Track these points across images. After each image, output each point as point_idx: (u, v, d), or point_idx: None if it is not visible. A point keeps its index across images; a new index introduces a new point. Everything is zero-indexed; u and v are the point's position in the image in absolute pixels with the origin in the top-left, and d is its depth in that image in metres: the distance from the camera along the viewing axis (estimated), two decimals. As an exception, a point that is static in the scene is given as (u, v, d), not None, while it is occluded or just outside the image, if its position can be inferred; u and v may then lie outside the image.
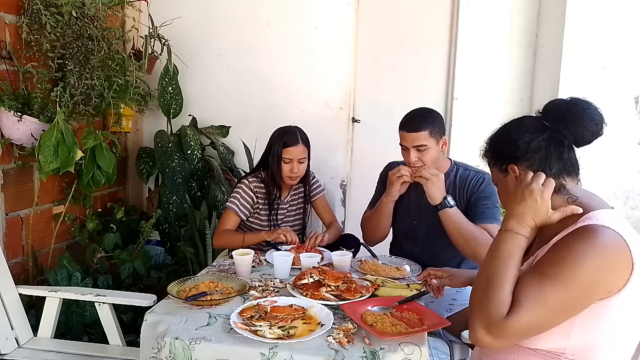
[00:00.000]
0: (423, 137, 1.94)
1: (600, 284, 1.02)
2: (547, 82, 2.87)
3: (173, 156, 2.86)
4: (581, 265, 1.00)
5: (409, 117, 2.01)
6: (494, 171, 1.26)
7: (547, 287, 1.02)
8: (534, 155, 1.16)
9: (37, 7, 2.25)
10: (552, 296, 1.01)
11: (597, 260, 1.00)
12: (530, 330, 1.04)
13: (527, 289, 1.04)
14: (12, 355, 1.85)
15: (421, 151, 1.95)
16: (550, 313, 1.02)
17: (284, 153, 2.18)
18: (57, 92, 2.29)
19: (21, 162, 2.34)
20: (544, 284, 1.02)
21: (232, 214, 2.22)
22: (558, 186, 1.14)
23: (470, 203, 1.99)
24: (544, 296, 1.01)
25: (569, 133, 1.15)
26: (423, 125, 1.94)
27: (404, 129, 1.98)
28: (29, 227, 2.43)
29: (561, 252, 1.05)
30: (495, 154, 1.24)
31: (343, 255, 1.89)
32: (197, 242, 2.91)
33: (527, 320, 1.02)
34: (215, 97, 3.27)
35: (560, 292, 1.01)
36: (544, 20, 2.95)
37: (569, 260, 1.02)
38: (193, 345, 1.29)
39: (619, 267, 1.02)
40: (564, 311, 1.03)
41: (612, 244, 1.02)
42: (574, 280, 1.00)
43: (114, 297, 1.95)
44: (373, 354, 1.25)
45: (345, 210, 3.29)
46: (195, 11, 3.20)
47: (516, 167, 1.17)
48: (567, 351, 1.07)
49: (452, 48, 3.09)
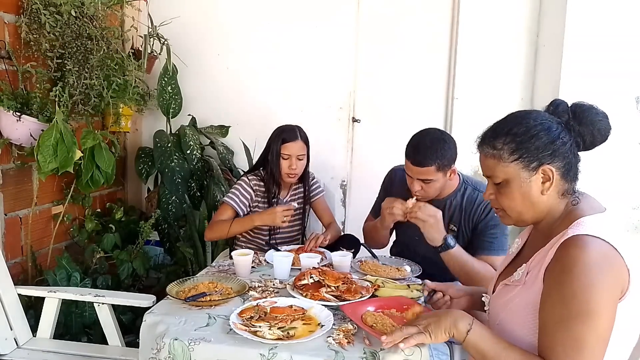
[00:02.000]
0: (429, 172, 1.79)
1: (613, 297, 1.01)
2: (548, 81, 2.87)
3: (172, 156, 2.85)
4: (592, 291, 0.99)
5: (416, 147, 1.82)
6: (512, 167, 1.13)
7: (578, 329, 0.99)
8: (566, 157, 1.11)
9: (36, 7, 2.24)
10: (587, 335, 0.99)
11: (600, 277, 0.99)
12: None
13: (564, 342, 1.00)
14: (11, 356, 1.85)
15: (426, 183, 1.83)
16: (595, 349, 1.00)
17: (282, 149, 2.18)
18: (56, 92, 2.28)
19: (20, 162, 2.33)
20: (572, 328, 0.99)
21: (227, 208, 2.21)
22: (569, 189, 1.13)
23: (477, 230, 1.89)
24: (582, 339, 0.99)
25: (588, 137, 1.12)
26: (430, 160, 1.77)
27: (410, 159, 1.82)
28: (28, 227, 2.42)
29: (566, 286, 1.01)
30: (526, 150, 1.11)
31: (343, 255, 1.88)
32: (196, 242, 2.91)
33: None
34: (214, 96, 3.26)
35: (592, 328, 0.99)
36: (545, 20, 2.94)
37: (579, 292, 0.99)
38: (192, 346, 1.28)
39: (619, 274, 1.02)
40: (605, 338, 1.01)
41: (604, 255, 1.01)
42: (594, 309, 0.99)
43: (113, 298, 1.95)
44: (373, 355, 1.24)
45: (345, 211, 3.28)
46: (195, 11, 3.19)
47: (551, 167, 1.10)
48: None
49: (452, 48, 3.08)
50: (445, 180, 1.86)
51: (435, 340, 1.13)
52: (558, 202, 1.15)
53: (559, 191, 1.14)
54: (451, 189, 1.94)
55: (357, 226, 2.28)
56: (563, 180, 1.13)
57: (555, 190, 1.14)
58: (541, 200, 1.14)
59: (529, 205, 1.15)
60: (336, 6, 3.10)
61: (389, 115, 3.20)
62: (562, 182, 1.13)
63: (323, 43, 3.13)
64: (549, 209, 1.15)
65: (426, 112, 3.14)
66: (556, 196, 1.14)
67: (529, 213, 1.16)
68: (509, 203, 1.17)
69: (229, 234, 2.17)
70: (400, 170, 2.13)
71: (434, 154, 1.77)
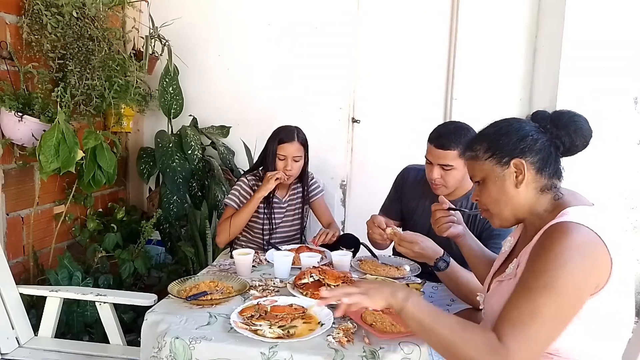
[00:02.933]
0: (451, 156, 1.77)
1: (587, 282, 1.02)
2: (547, 82, 2.88)
3: (174, 156, 2.87)
4: (564, 270, 1.01)
5: (440, 131, 1.82)
6: (486, 164, 1.19)
7: (539, 300, 1.01)
8: (539, 153, 1.15)
9: (37, 8, 2.26)
10: (546, 307, 1.01)
11: (577, 260, 1.01)
12: (538, 345, 1.02)
13: (520, 308, 1.03)
14: (12, 355, 1.86)
15: (445, 170, 1.81)
16: (549, 324, 1.01)
17: (279, 149, 2.20)
18: (57, 92, 2.29)
19: (22, 162, 2.34)
20: (534, 298, 1.02)
21: (231, 211, 2.26)
22: (550, 185, 1.16)
23: (481, 238, 1.84)
24: (537, 310, 1.01)
25: (567, 139, 1.16)
26: (454, 143, 1.76)
27: (433, 143, 1.81)
28: (30, 227, 2.43)
29: (541, 261, 1.04)
30: (497, 147, 1.18)
31: (343, 255, 1.89)
32: (197, 241, 2.92)
33: (528, 336, 1.00)
34: (215, 97, 3.27)
35: (553, 301, 1.01)
36: (544, 21, 2.95)
37: (551, 268, 1.02)
38: (193, 344, 1.29)
39: (599, 263, 1.03)
40: (563, 318, 1.03)
41: (586, 241, 1.03)
42: (561, 286, 1.00)
43: (115, 297, 1.95)
44: (373, 354, 1.25)
45: (345, 210, 3.29)
46: (196, 11, 3.20)
47: (522, 160, 1.15)
48: (560, 352, 1.08)
49: (452, 48, 3.09)
50: (464, 173, 1.82)
51: (373, 304, 1.16)
52: (538, 197, 1.17)
53: (537, 187, 1.17)
54: (464, 190, 1.93)
55: (357, 226, 2.28)
56: (539, 175, 1.16)
57: (533, 186, 1.17)
58: (517, 195, 1.17)
59: (506, 199, 1.19)
60: (336, 7, 3.10)
61: (388, 116, 3.21)
62: (539, 177, 1.16)
63: (323, 43, 3.14)
64: (530, 205, 1.18)
65: (425, 113, 3.15)
66: (535, 192, 1.17)
67: (507, 208, 1.20)
68: (488, 200, 1.22)
69: (240, 223, 2.20)
70: (413, 170, 2.12)
71: (457, 138, 1.77)
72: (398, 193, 2.14)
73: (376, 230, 1.74)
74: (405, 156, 2.28)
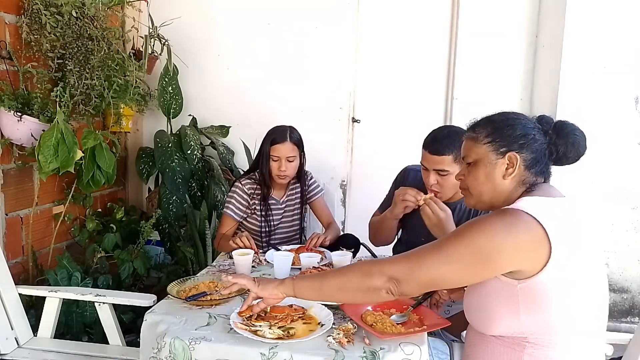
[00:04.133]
0: (446, 162, 1.77)
1: (501, 256, 1.08)
2: (547, 82, 2.87)
3: (173, 156, 2.86)
4: (485, 232, 1.09)
5: (434, 136, 1.82)
6: (483, 148, 1.23)
7: (447, 240, 1.13)
8: (534, 152, 1.20)
9: (37, 7, 2.25)
10: (449, 247, 1.11)
11: (501, 234, 1.08)
12: (425, 274, 1.13)
13: (430, 244, 1.17)
14: (12, 355, 1.85)
15: (442, 176, 1.81)
16: (444, 261, 1.11)
17: (272, 151, 2.18)
18: (57, 92, 2.29)
19: (21, 162, 2.34)
20: (444, 239, 1.15)
21: (228, 219, 2.24)
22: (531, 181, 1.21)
23: None
24: (441, 246, 1.13)
25: (562, 149, 1.21)
26: (448, 149, 1.75)
27: (427, 149, 1.81)
28: (29, 227, 2.43)
29: (473, 221, 1.13)
30: (499, 135, 1.22)
31: (343, 255, 1.89)
32: (197, 242, 2.91)
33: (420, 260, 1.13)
34: (215, 97, 3.27)
35: (459, 247, 1.10)
36: (544, 20, 2.95)
37: (476, 227, 1.10)
38: (193, 345, 1.29)
39: (528, 247, 1.07)
40: (461, 265, 1.10)
41: (521, 224, 1.08)
42: (474, 241, 1.09)
43: (114, 297, 1.95)
44: (373, 354, 1.25)
45: (345, 210, 3.29)
46: (195, 11, 3.20)
47: (517, 155, 1.19)
48: (526, 335, 1.13)
49: (452, 48, 3.09)
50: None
51: (262, 291, 1.30)
52: (516, 189, 1.22)
53: (519, 180, 1.21)
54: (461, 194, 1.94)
55: (357, 226, 2.28)
56: (527, 171, 1.20)
57: (517, 179, 1.21)
58: (501, 184, 1.22)
59: (490, 187, 1.23)
60: (336, 6, 3.10)
61: (388, 116, 3.20)
62: (525, 172, 1.21)
63: (323, 43, 3.13)
64: (507, 195, 1.23)
65: (426, 112, 3.15)
66: (516, 184, 1.22)
67: (489, 195, 1.25)
68: (473, 182, 1.27)
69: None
70: (413, 170, 2.12)
71: (452, 143, 1.76)
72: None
73: (411, 191, 1.81)
74: (405, 156, 2.27)
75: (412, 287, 1.16)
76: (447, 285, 1.19)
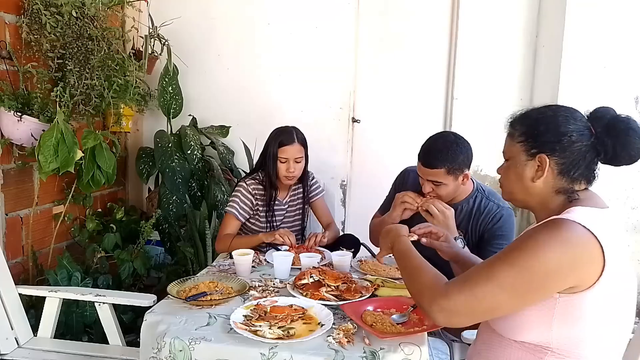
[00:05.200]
0: (439, 174, 1.80)
1: (559, 276, 1.01)
2: (547, 82, 2.87)
3: (173, 156, 2.86)
4: (538, 254, 1.01)
5: (427, 148, 1.84)
6: (517, 147, 1.18)
7: (498, 267, 1.05)
8: (570, 155, 1.11)
9: (37, 7, 2.25)
10: (501, 276, 1.03)
11: (557, 252, 1.01)
12: (480, 304, 1.05)
13: (480, 267, 1.09)
14: (12, 355, 1.85)
15: (436, 185, 1.83)
16: (498, 291, 1.03)
17: (280, 152, 2.18)
18: (57, 92, 2.29)
19: (21, 162, 2.34)
20: (496, 264, 1.06)
21: (232, 218, 2.22)
22: (567, 189, 1.13)
23: (483, 238, 1.89)
24: (493, 274, 1.04)
25: (610, 149, 1.11)
26: (440, 162, 1.78)
27: (420, 160, 1.85)
28: (29, 227, 2.43)
29: (522, 240, 1.06)
30: (532, 135, 1.15)
31: (343, 255, 1.89)
32: (197, 242, 2.91)
33: (474, 292, 1.05)
34: (215, 97, 3.27)
35: (511, 275, 1.03)
36: (544, 20, 2.95)
37: (528, 248, 1.03)
38: (193, 345, 1.29)
39: (584, 263, 1.01)
40: (516, 294, 1.03)
41: (576, 238, 1.02)
42: (527, 266, 1.02)
43: (114, 297, 1.95)
44: (373, 354, 1.25)
45: (345, 210, 3.29)
46: (195, 11, 3.20)
47: (548, 159, 1.12)
48: (552, 345, 1.07)
49: (452, 48, 3.09)
50: (458, 184, 1.85)
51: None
52: (552, 196, 1.15)
53: (553, 186, 1.14)
54: (464, 194, 1.93)
55: (357, 226, 2.28)
56: (560, 177, 1.13)
57: (551, 185, 1.14)
58: (532, 186, 1.16)
59: (520, 187, 1.19)
60: (336, 6, 3.10)
61: (388, 116, 3.20)
62: (559, 179, 1.13)
63: (323, 43, 3.13)
64: (541, 200, 1.17)
65: (426, 112, 3.15)
66: (550, 190, 1.15)
67: (520, 194, 1.21)
68: (506, 179, 1.24)
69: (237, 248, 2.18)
70: (413, 172, 2.12)
71: (444, 157, 1.79)
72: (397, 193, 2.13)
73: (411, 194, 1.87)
74: (405, 156, 2.27)
75: (466, 320, 1.09)
76: (504, 314, 1.09)
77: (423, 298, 1.13)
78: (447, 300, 1.07)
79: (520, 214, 3.06)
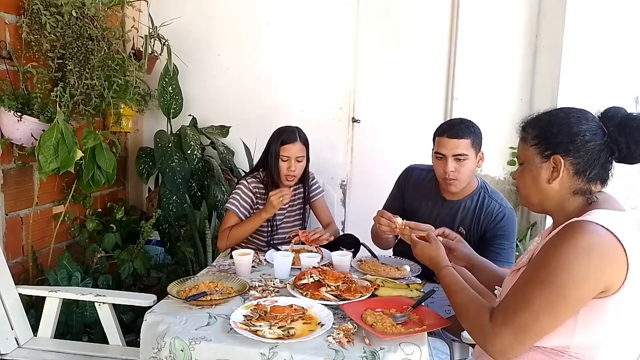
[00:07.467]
0: (465, 145, 1.82)
1: (589, 282, 1.01)
2: (547, 82, 2.87)
3: (173, 156, 2.86)
4: (566, 267, 1.01)
5: (450, 123, 1.89)
6: (530, 150, 1.18)
7: (531, 290, 1.05)
8: (585, 155, 1.12)
9: (37, 7, 2.25)
10: (536, 298, 1.04)
11: (583, 260, 1.01)
12: (527, 334, 1.06)
13: (514, 294, 1.10)
14: (12, 355, 1.85)
15: (460, 161, 1.83)
16: (538, 315, 1.04)
17: (281, 151, 2.18)
18: (57, 92, 2.29)
19: (21, 162, 2.34)
20: (528, 287, 1.07)
21: (232, 215, 2.23)
22: (584, 190, 1.14)
23: (485, 237, 1.89)
24: (528, 299, 1.05)
25: (624, 147, 1.11)
26: (466, 133, 1.83)
27: (445, 134, 1.85)
28: (29, 227, 2.43)
29: (546, 255, 1.06)
30: (545, 137, 1.16)
31: (343, 255, 1.89)
32: (197, 242, 2.91)
33: (516, 324, 1.06)
34: (215, 97, 3.27)
35: (544, 294, 1.03)
36: (544, 21, 2.95)
37: (553, 263, 1.03)
38: (193, 345, 1.29)
39: (611, 264, 1.01)
40: (556, 312, 1.03)
41: (600, 242, 1.02)
42: (558, 282, 1.02)
43: (114, 297, 1.95)
44: (373, 354, 1.25)
45: (345, 210, 3.29)
46: (195, 11, 3.20)
47: (562, 159, 1.12)
48: (570, 349, 1.07)
49: (452, 48, 3.09)
50: (475, 165, 1.88)
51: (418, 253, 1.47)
52: (569, 198, 1.15)
53: (570, 188, 1.15)
54: (469, 190, 1.95)
55: (357, 226, 2.28)
56: (576, 177, 1.13)
57: (567, 186, 1.15)
58: (548, 189, 1.16)
59: (537, 190, 1.19)
60: (336, 6, 3.10)
61: (388, 115, 3.20)
62: (576, 179, 1.14)
63: (323, 43, 3.13)
64: (558, 202, 1.17)
65: (426, 112, 3.15)
66: (567, 192, 1.15)
67: (536, 197, 1.21)
68: (522, 184, 1.24)
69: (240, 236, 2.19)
70: (416, 170, 2.13)
71: (468, 129, 1.85)
72: (400, 191, 2.14)
73: (384, 222, 1.73)
74: (405, 156, 2.28)
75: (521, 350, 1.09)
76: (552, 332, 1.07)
77: (477, 339, 1.15)
78: (497, 339, 1.08)
79: (521, 214, 3.06)
